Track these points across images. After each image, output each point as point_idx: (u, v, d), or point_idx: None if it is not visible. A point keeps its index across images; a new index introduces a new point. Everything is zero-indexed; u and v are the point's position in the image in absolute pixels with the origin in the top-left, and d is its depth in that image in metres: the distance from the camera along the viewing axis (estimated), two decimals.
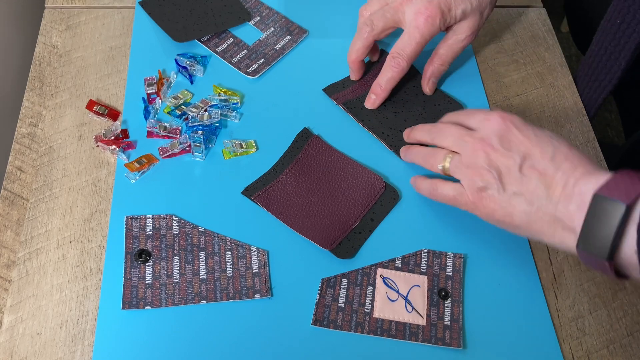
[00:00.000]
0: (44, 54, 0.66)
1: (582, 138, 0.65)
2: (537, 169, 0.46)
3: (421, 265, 0.55)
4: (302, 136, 0.61)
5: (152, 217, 0.55)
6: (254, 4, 0.71)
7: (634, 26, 0.60)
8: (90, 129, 0.61)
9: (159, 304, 0.51)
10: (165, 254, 0.53)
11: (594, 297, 0.55)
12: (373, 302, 0.53)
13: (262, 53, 0.67)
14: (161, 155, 0.59)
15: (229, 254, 0.54)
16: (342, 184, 0.58)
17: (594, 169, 0.44)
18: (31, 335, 0.50)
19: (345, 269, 0.54)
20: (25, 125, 0.61)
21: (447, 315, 0.52)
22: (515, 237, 0.57)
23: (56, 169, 0.58)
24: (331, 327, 0.51)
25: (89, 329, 0.50)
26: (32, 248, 0.54)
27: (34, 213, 0.56)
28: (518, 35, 0.72)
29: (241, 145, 0.60)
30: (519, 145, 0.47)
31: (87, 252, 0.54)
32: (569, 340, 0.53)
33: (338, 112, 0.64)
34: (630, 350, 0.53)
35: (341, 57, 0.68)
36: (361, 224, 0.57)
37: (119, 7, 0.71)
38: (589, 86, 0.67)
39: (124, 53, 0.67)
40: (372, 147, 0.62)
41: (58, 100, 0.63)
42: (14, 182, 0.57)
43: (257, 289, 0.52)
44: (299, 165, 0.59)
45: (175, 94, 0.63)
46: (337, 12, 0.72)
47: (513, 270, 0.55)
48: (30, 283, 0.52)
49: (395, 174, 0.60)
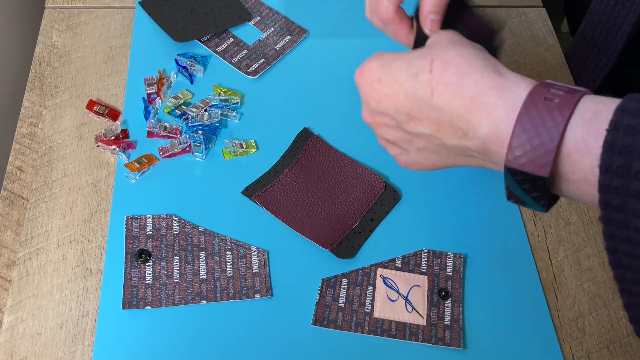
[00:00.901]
0: (44, 54, 0.66)
1: None
2: (414, 117, 0.40)
3: (421, 265, 0.55)
4: (302, 136, 0.61)
5: (152, 217, 0.55)
6: (254, 4, 0.71)
7: (629, 7, 0.60)
8: (90, 129, 0.61)
9: (159, 304, 0.51)
10: (165, 254, 0.53)
11: (594, 297, 0.55)
12: (373, 302, 0.53)
13: (262, 53, 0.67)
14: (161, 155, 0.59)
15: (229, 254, 0.54)
16: (342, 184, 0.58)
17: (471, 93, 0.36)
18: (31, 335, 0.50)
19: (345, 269, 0.54)
20: (25, 125, 0.61)
21: (447, 315, 0.52)
22: (515, 237, 0.57)
23: (56, 169, 0.58)
24: (331, 327, 0.51)
25: (89, 329, 0.50)
26: (32, 248, 0.54)
27: (34, 213, 0.56)
28: (518, 35, 0.72)
29: (241, 145, 0.60)
30: (387, 102, 0.41)
31: (87, 252, 0.54)
32: (569, 340, 0.53)
33: (338, 112, 0.64)
34: (630, 350, 0.53)
35: (341, 57, 0.68)
36: (361, 224, 0.57)
37: (119, 7, 0.70)
38: (584, 69, 0.67)
39: (124, 53, 0.66)
40: (372, 147, 0.62)
41: (58, 100, 0.63)
42: (14, 182, 0.57)
43: (257, 289, 0.52)
44: (299, 165, 0.59)
45: (176, 94, 0.63)
46: (337, 12, 0.72)
47: (513, 270, 0.55)
48: (30, 283, 0.52)
49: (395, 174, 0.60)
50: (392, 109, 0.41)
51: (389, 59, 0.41)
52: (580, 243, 0.58)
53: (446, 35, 0.41)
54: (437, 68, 0.37)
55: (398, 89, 0.40)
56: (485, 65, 0.37)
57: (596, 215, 0.60)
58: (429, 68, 0.38)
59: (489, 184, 0.60)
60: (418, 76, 0.38)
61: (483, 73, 0.36)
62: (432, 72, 0.37)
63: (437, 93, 0.37)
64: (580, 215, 0.59)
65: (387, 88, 0.41)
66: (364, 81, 0.43)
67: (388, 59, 0.41)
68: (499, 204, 0.59)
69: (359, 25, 0.70)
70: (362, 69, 0.43)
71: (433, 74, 0.37)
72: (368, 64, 0.43)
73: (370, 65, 0.42)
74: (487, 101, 0.35)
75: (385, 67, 0.41)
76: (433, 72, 0.37)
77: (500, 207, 0.59)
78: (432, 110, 0.38)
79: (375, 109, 0.43)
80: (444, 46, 0.39)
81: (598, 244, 0.58)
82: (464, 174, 0.61)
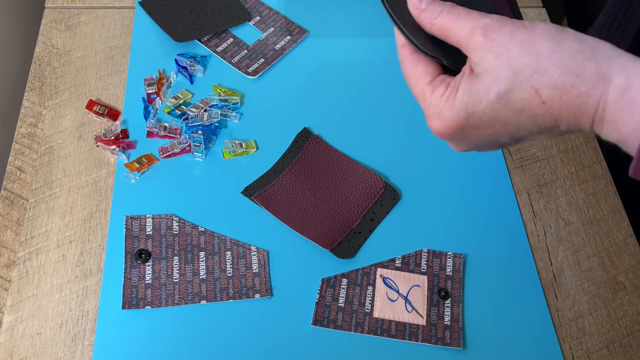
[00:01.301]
0: (44, 54, 0.66)
1: (582, 138, 0.65)
2: (521, 137, 0.38)
3: (421, 265, 0.55)
4: (302, 136, 0.61)
5: (152, 217, 0.55)
6: (254, 4, 0.71)
7: (629, 19, 0.60)
8: (90, 129, 0.61)
9: (159, 304, 0.51)
10: (165, 254, 0.53)
11: (594, 297, 0.55)
12: (373, 302, 0.53)
13: (262, 53, 0.67)
14: (161, 155, 0.59)
15: (229, 254, 0.54)
16: (342, 184, 0.58)
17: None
18: (31, 335, 0.50)
19: (345, 269, 0.54)
20: (25, 125, 0.61)
21: (447, 315, 0.52)
22: (515, 237, 0.57)
23: (56, 169, 0.58)
24: (331, 327, 0.51)
25: (89, 329, 0.50)
26: (32, 248, 0.54)
27: (34, 213, 0.56)
28: None
29: (241, 145, 0.60)
30: (486, 140, 0.39)
31: (87, 252, 0.54)
32: (569, 340, 0.53)
33: (338, 112, 0.64)
34: (630, 350, 0.53)
35: (341, 57, 0.68)
36: (361, 224, 0.57)
37: (119, 7, 0.70)
38: None
39: (124, 53, 0.67)
40: (372, 147, 0.62)
41: (58, 100, 0.63)
42: (14, 182, 0.57)
43: (257, 289, 0.52)
44: (299, 165, 0.59)
45: (175, 94, 0.63)
46: (337, 12, 0.72)
47: (513, 270, 0.55)
48: (30, 283, 0.52)
49: (395, 174, 0.60)
50: (503, 138, 0.38)
51: (471, 107, 0.36)
52: (580, 243, 0.58)
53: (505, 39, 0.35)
54: (549, 97, 0.34)
55: (505, 127, 0.37)
56: (600, 68, 0.33)
57: (596, 215, 0.60)
58: (539, 100, 0.34)
59: (489, 184, 0.60)
60: (529, 110, 0.35)
61: (603, 83, 0.33)
62: (546, 102, 0.34)
63: (561, 119, 0.34)
64: (580, 215, 0.59)
65: (488, 130, 0.37)
66: (450, 137, 0.39)
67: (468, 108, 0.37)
68: (499, 204, 0.59)
69: (359, 25, 0.70)
70: (443, 131, 0.39)
71: (548, 105, 0.34)
72: (446, 124, 0.38)
73: (451, 125, 0.38)
74: (616, 118, 0.32)
75: (473, 117, 0.37)
76: (547, 103, 0.34)
77: (500, 207, 0.59)
78: (558, 128, 0.36)
79: (478, 146, 0.40)
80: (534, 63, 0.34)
81: (598, 244, 0.58)
82: (464, 174, 0.61)
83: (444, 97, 0.38)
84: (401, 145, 0.62)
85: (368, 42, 0.69)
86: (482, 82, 0.36)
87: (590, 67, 0.33)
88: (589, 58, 0.33)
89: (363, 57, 0.68)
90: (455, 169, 0.61)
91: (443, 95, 0.38)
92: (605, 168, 0.63)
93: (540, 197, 0.60)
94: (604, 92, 0.33)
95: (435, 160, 0.61)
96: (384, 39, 0.70)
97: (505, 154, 0.63)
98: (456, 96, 0.37)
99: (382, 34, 0.70)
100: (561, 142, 0.64)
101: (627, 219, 0.59)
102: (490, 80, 0.35)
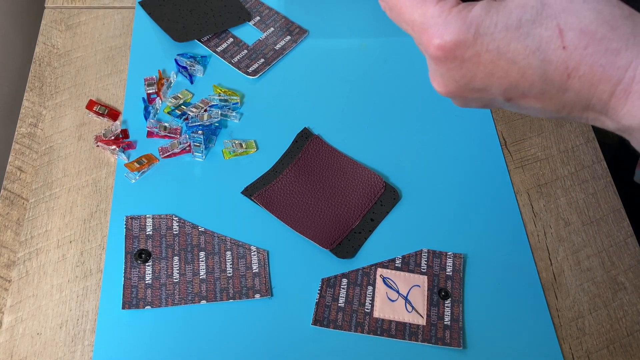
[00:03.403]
0: (44, 54, 0.66)
1: (582, 138, 0.65)
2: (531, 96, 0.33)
3: (421, 265, 0.55)
4: (302, 136, 0.61)
5: (152, 217, 0.55)
6: (254, 4, 0.71)
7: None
8: (90, 129, 0.61)
9: (159, 304, 0.51)
10: (165, 254, 0.53)
11: (594, 297, 0.55)
12: (373, 302, 0.53)
13: (262, 53, 0.67)
14: (161, 155, 0.59)
15: (229, 254, 0.54)
16: (342, 184, 0.58)
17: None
18: (31, 335, 0.50)
19: (345, 269, 0.54)
20: (25, 125, 0.61)
21: (447, 315, 0.52)
22: (515, 237, 0.57)
23: (56, 169, 0.58)
24: (331, 327, 0.51)
25: (89, 329, 0.50)
26: (32, 248, 0.54)
27: (34, 213, 0.56)
28: None
29: (241, 145, 0.60)
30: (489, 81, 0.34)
31: (87, 252, 0.54)
32: (569, 340, 0.53)
33: (338, 112, 0.64)
34: (630, 350, 0.53)
35: (341, 57, 0.68)
36: (361, 224, 0.57)
37: (119, 7, 0.70)
38: None
39: (124, 53, 0.67)
40: (372, 147, 0.62)
41: (58, 100, 0.63)
42: (14, 182, 0.57)
43: (257, 289, 0.52)
44: (299, 165, 0.59)
45: (175, 94, 0.63)
46: (337, 12, 0.72)
47: (513, 270, 0.55)
48: (30, 283, 0.52)
49: (395, 174, 0.60)
50: (497, 87, 0.33)
51: (484, 25, 0.31)
52: (580, 243, 0.58)
53: None
54: (572, 43, 0.29)
55: (509, 68, 0.31)
56: (638, 30, 0.29)
57: (596, 215, 0.60)
58: (560, 42, 0.29)
59: (489, 184, 0.60)
60: (543, 52, 0.30)
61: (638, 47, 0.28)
62: (567, 48, 0.29)
63: (576, 76, 0.30)
64: (580, 215, 0.59)
65: (489, 65, 0.32)
66: (447, 56, 0.33)
67: (481, 25, 0.31)
68: (499, 204, 0.59)
69: (359, 25, 0.70)
70: (444, 43, 0.32)
71: (568, 51, 0.29)
72: (450, 34, 0.32)
73: (457, 37, 0.32)
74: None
75: (482, 39, 0.31)
76: (568, 49, 0.29)
77: (500, 207, 0.59)
78: (564, 93, 0.31)
79: (468, 86, 0.34)
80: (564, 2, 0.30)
81: (598, 244, 0.58)
82: (464, 174, 0.61)
83: (455, 9, 0.32)
84: (401, 145, 0.62)
85: (368, 42, 0.69)
86: (506, 4, 0.31)
87: (627, 24, 0.28)
88: (627, 16, 0.29)
89: (363, 57, 0.68)
90: (455, 169, 0.61)
91: (454, 7, 0.32)
92: (605, 168, 0.63)
93: (540, 197, 0.60)
94: (637, 57, 0.28)
95: (435, 160, 0.61)
96: (384, 39, 0.70)
97: (505, 154, 0.63)
98: (472, 10, 0.32)
99: (382, 34, 0.70)
100: (561, 142, 0.64)
101: (627, 219, 0.59)
102: (515, 4, 0.31)
